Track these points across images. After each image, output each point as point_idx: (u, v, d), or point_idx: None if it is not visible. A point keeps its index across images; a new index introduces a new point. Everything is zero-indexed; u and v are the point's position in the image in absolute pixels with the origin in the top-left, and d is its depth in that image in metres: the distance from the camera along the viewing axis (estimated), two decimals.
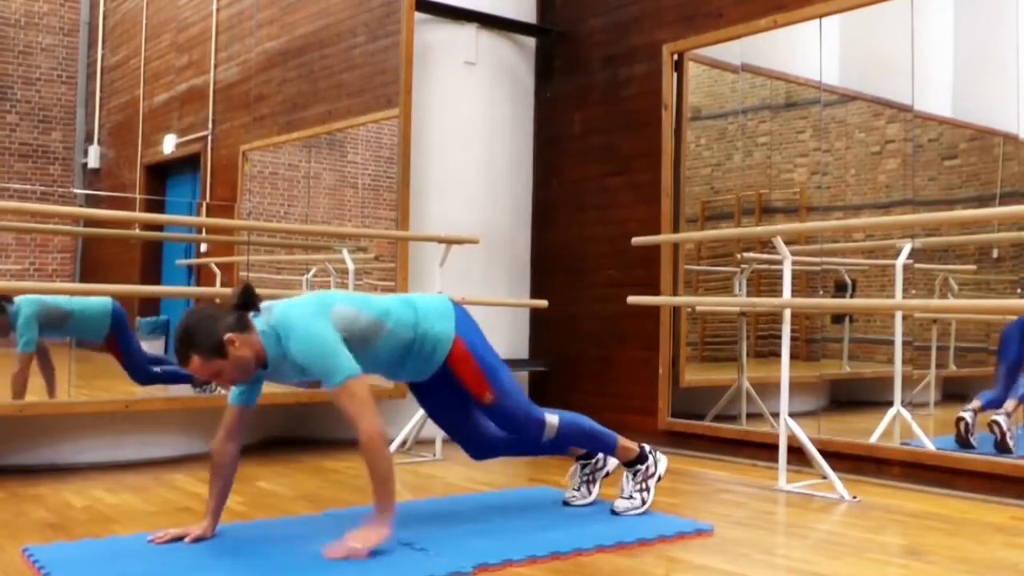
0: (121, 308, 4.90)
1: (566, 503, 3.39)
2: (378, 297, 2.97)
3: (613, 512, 3.22)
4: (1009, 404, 4.18)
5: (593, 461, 3.41)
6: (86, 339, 4.85)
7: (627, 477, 3.31)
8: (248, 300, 2.70)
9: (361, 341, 2.77)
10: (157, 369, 4.98)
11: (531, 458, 4.68)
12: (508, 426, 3.07)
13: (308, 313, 2.69)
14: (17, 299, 4.50)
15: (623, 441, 3.27)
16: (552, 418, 3.10)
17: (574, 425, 3.17)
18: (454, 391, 3.02)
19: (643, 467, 3.30)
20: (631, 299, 4.60)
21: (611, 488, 3.45)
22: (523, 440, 3.14)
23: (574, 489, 3.41)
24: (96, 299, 4.76)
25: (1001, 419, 4.12)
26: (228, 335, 2.61)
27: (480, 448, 3.22)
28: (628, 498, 3.26)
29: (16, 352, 4.40)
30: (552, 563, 2.65)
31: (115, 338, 4.79)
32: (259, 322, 2.71)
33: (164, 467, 4.17)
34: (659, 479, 3.31)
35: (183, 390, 4.94)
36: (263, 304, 2.75)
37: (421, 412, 4.57)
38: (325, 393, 4.93)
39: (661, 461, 3.34)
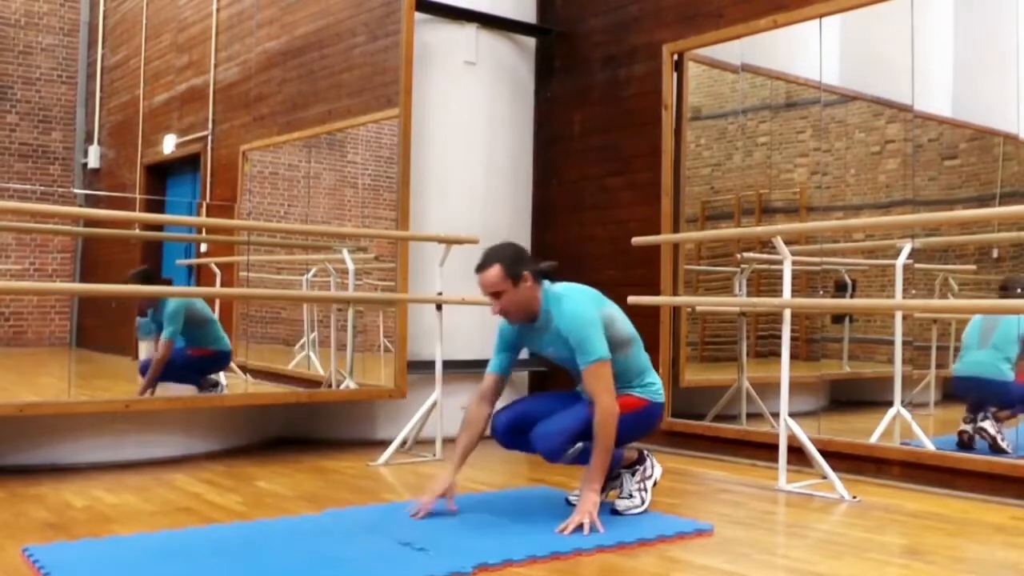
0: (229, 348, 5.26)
1: (568, 502, 3.39)
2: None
3: (614, 511, 3.23)
4: (999, 410, 4.22)
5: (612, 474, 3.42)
6: (191, 344, 4.97)
7: (627, 477, 3.34)
8: (548, 271, 3.21)
9: (609, 346, 3.11)
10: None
11: (532, 458, 4.69)
12: (564, 416, 3.18)
13: (585, 297, 3.19)
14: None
15: (625, 452, 3.34)
16: (576, 448, 3.20)
17: (587, 450, 3.24)
18: (574, 402, 3.24)
19: (641, 468, 3.36)
20: (631, 299, 4.60)
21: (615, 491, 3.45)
22: (552, 437, 3.18)
23: (580, 490, 3.42)
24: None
25: (987, 425, 4.14)
26: (528, 271, 3.11)
27: (518, 440, 3.29)
28: (628, 497, 3.29)
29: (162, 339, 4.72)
30: (552, 563, 2.65)
31: (207, 354, 5.06)
32: (545, 287, 3.19)
33: (164, 467, 4.17)
34: (655, 483, 3.37)
35: (183, 390, 4.95)
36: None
37: (421, 412, 4.56)
38: (324, 394, 4.95)
39: (657, 467, 3.42)
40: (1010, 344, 4.31)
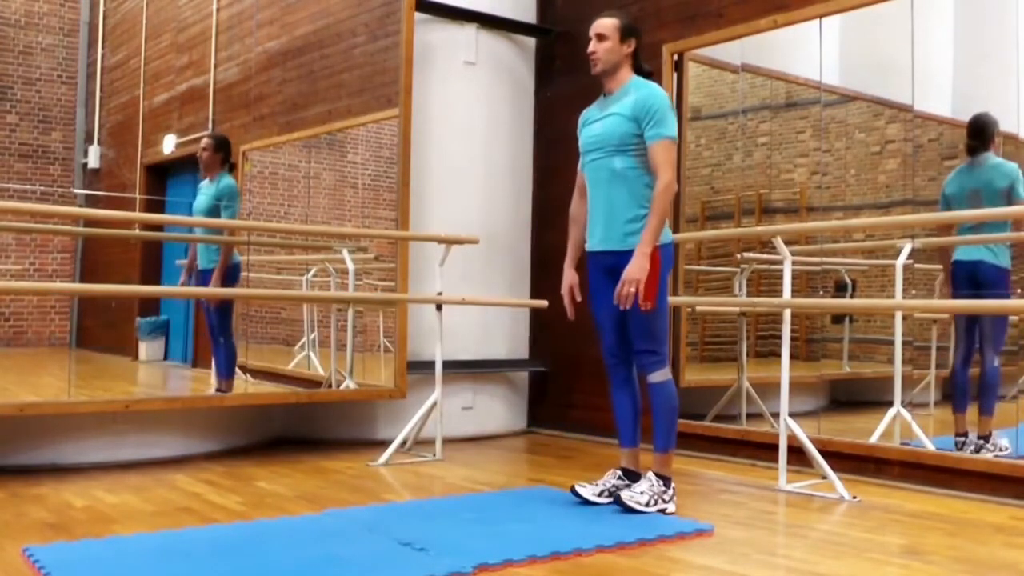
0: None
1: (573, 491, 3.38)
2: None
3: (618, 498, 3.24)
4: (983, 428, 4.22)
5: (627, 483, 3.40)
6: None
7: (651, 477, 3.32)
8: (650, 74, 3.47)
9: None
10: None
11: (536, 455, 4.68)
12: (643, 333, 3.35)
13: (666, 95, 3.37)
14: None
15: (672, 456, 3.37)
16: (669, 369, 3.40)
17: (673, 397, 3.37)
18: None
19: (666, 488, 3.32)
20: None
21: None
22: (647, 353, 3.35)
23: (593, 484, 3.41)
24: None
25: (986, 455, 4.13)
26: (635, 41, 3.42)
27: (621, 345, 3.46)
28: (640, 493, 3.27)
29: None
30: (552, 563, 2.65)
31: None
32: (636, 76, 3.43)
33: (164, 467, 4.18)
34: (663, 511, 3.29)
35: (183, 390, 4.95)
36: None
37: (421, 412, 4.57)
38: (324, 394, 4.95)
39: (675, 502, 3.35)
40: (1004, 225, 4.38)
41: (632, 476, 3.42)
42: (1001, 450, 4.13)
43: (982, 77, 4.77)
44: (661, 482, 3.32)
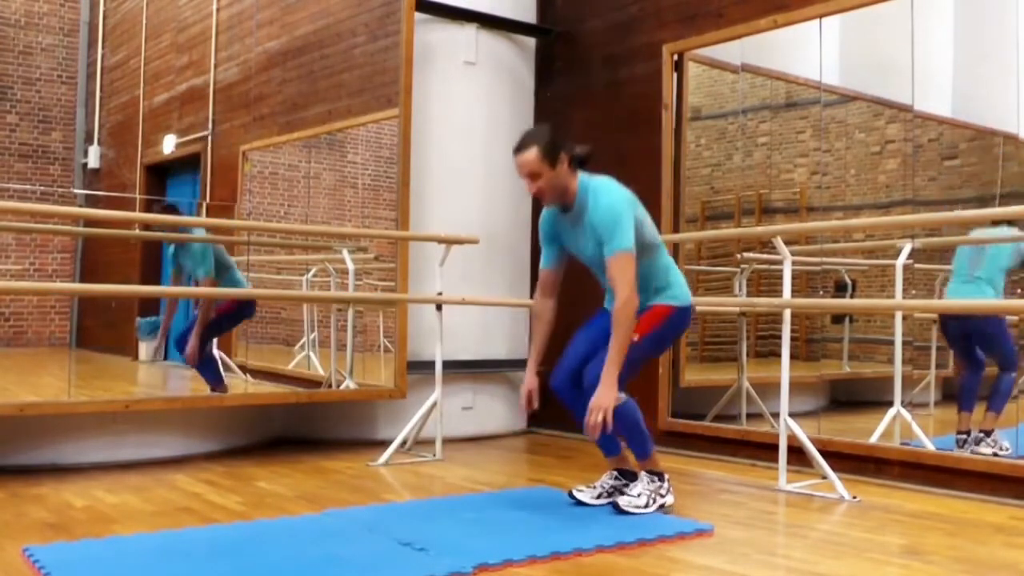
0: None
1: (571, 495, 3.39)
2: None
3: (616, 504, 3.23)
4: (985, 420, 4.23)
5: (624, 482, 3.40)
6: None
7: (644, 477, 3.33)
8: (587, 159, 3.27)
9: (637, 247, 3.18)
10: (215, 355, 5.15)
11: (534, 457, 4.69)
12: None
13: (621, 191, 3.22)
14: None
15: (655, 455, 3.35)
16: (623, 395, 3.21)
17: (633, 412, 3.25)
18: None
19: (660, 482, 3.33)
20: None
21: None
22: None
23: (590, 487, 3.41)
24: None
25: (983, 448, 4.14)
26: (565, 156, 3.18)
27: (570, 383, 3.33)
28: (637, 495, 3.27)
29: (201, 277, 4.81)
30: (552, 563, 2.65)
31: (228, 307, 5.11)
32: (581, 176, 3.25)
33: (164, 467, 4.17)
34: (662, 507, 3.31)
35: (183, 390, 4.95)
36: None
37: (421, 412, 4.57)
38: (324, 394, 4.95)
39: (671, 495, 3.36)
40: (998, 274, 4.38)
41: (628, 475, 3.41)
42: (1002, 449, 4.13)
43: (982, 77, 4.77)
44: (655, 478, 3.32)
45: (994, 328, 4.34)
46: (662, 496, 3.30)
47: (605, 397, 3.05)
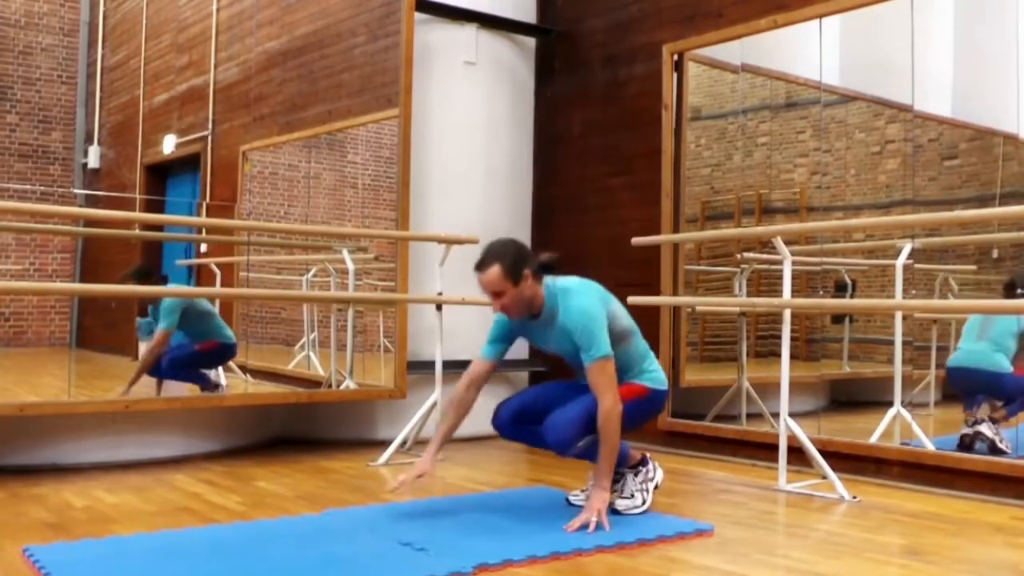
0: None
1: (569, 503, 3.39)
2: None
3: (614, 511, 3.23)
4: (994, 411, 4.22)
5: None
6: (192, 337, 4.99)
7: (629, 477, 3.33)
8: (551, 268, 3.17)
9: (611, 340, 3.11)
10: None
11: (533, 458, 4.69)
12: (570, 407, 3.13)
13: (591, 292, 3.15)
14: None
15: (631, 451, 3.36)
16: (584, 441, 3.17)
17: (595, 442, 3.18)
18: (578, 394, 3.18)
19: (644, 470, 3.36)
20: (631, 299, 4.59)
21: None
22: (558, 430, 3.14)
23: (580, 490, 3.42)
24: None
25: (984, 429, 4.14)
26: (528, 271, 3.06)
27: (517, 431, 3.30)
28: (629, 497, 3.29)
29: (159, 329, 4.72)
30: (552, 563, 2.65)
31: (209, 345, 5.03)
32: (547, 281, 3.15)
33: (164, 467, 4.17)
34: (657, 486, 3.37)
35: (183, 390, 4.95)
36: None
37: (421, 412, 4.57)
38: (324, 394, 4.95)
39: (659, 471, 3.43)
40: (1008, 337, 4.34)
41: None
42: (1001, 440, 4.12)
43: (982, 77, 4.77)
44: (638, 469, 3.35)
45: (1010, 386, 4.32)
46: (651, 480, 3.35)
47: (599, 501, 3.04)
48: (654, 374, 3.30)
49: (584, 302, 3.08)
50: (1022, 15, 4.16)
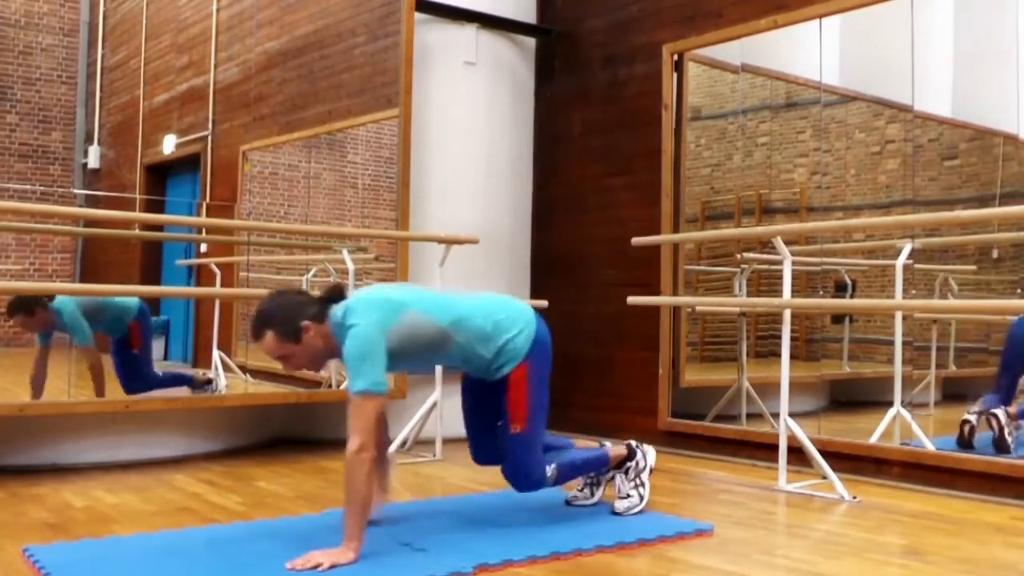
0: (148, 309, 5.01)
1: (568, 503, 3.39)
2: (459, 300, 2.99)
3: (614, 513, 3.23)
4: (1012, 408, 4.19)
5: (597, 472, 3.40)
6: (108, 332, 4.88)
7: (620, 478, 3.32)
8: (337, 297, 2.80)
9: (427, 347, 2.87)
10: (160, 374, 5.01)
11: None
12: (511, 460, 3.01)
13: (368, 312, 2.71)
14: (55, 301, 4.61)
15: (612, 450, 3.31)
16: (550, 469, 3.07)
17: (568, 465, 3.15)
18: (496, 401, 3.05)
19: (632, 463, 3.32)
20: (631, 299, 4.60)
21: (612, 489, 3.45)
22: (519, 481, 3.08)
23: (577, 490, 3.42)
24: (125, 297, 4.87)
25: (999, 413, 4.11)
26: (305, 323, 2.70)
27: (486, 456, 3.21)
28: (626, 497, 3.27)
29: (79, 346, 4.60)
30: (552, 563, 2.65)
31: (136, 336, 4.88)
32: (335, 313, 2.76)
33: (164, 467, 4.17)
34: (651, 470, 3.33)
35: (183, 390, 4.95)
36: (349, 295, 2.82)
37: (421, 412, 4.57)
38: (324, 394, 4.95)
39: (649, 452, 3.36)
40: None
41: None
42: (1010, 435, 4.08)
43: (982, 77, 4.77)
44: (627, 464, 3.31)
45: None
46: (643, 470, 3.30)
47: (340, 556, 2.55)
48: (516, 340, 2.95)
49: (359, 324, 2.66)
50: (1022, 15, 4.16)
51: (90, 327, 4.73)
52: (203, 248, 6.10)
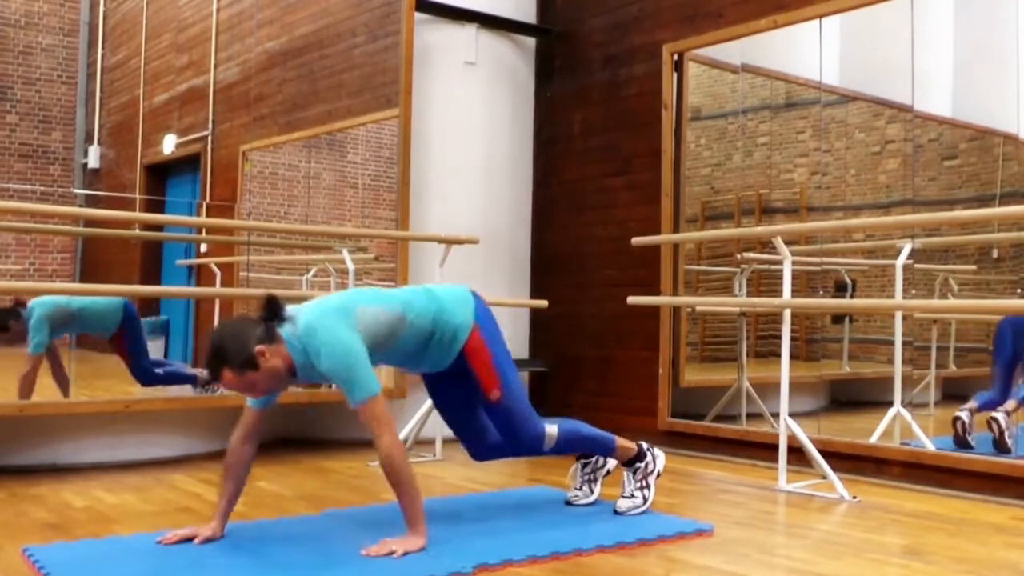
0: (134, 308, 4.93)
1: (568, 503, 3.39)
2: (397, 290, 3.04)
3: (616, 512, 3.23)
4: (1010, 404, 4.18)
5: (593, 460, 3.42)
6: (93, 334, 4.87)
7: (627, 476, 3.32)
8: (273, 311, 2.71)
9: (386, 337, 2.84)
10: (159, 371, 5.00)
11: (532, 459, 4.69)
12: (507, 430, 3.06)
13: (332, 324, 2.69)
14: (31, 302, 4.53)
15: (621, 441, 3.30)
16: (552, 428, 3.12)
17: (574, 432, 3.19)
18: (466, 385, 3.05)
19: (642, 464, 3.31)
20: (631, 299, 4.60)
21: (612, 488, 3.45)
22: (523, 446, 3.13)
23: (576, 489, 3.42)
24: (107, 297, 4.80)
25: (1000, 416, 4.10)
26: (258, 347, 2.64)
27: (483, 449, 3.22)
28: (629, 497, 3.27)
29: (27, 354, 4.45)
30: (552, 563, 2.65)
31: (123, 337, 4.82)
32: (286, 332, 2.71)
33: (164, 467, 4.17)
34: (658, 475, 3.34)
35: (183, 390, 4.95)
36: (289, 311, 2.74)
37: (421, 412, 4.57)
38: (325, 393, 4.95)
39: (659, 457, 3.37)
40: None
41: (586, 456, 3.42)
42: (1011, 438, 4.07)
43: (982, 77, 4.77)
44: (636, 464, 3.30)
45: None
46: (651, 473, 3.29)
47: (413, 544, 2.67)
48: (459, 311, 2.96)
49: (329, 339, 2.65)
50: (1022, 15, 4.16)
51: (75, 330, 4.74)
52: (203, 248, 6.10)
